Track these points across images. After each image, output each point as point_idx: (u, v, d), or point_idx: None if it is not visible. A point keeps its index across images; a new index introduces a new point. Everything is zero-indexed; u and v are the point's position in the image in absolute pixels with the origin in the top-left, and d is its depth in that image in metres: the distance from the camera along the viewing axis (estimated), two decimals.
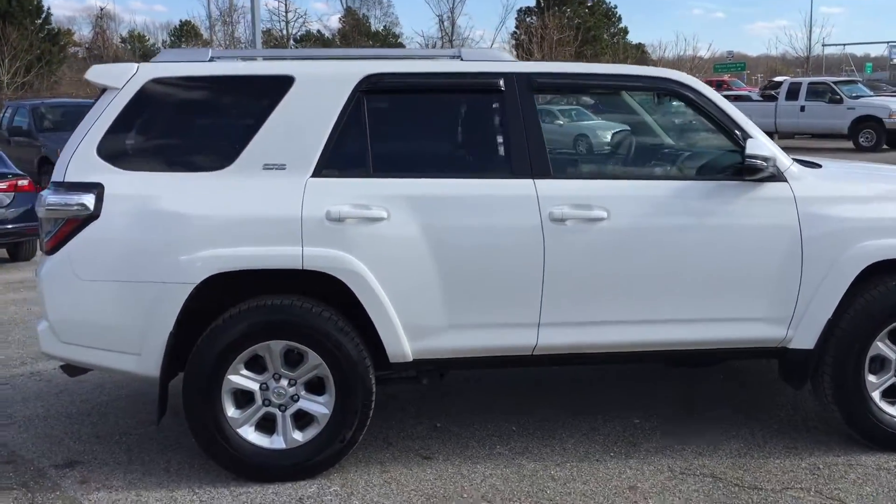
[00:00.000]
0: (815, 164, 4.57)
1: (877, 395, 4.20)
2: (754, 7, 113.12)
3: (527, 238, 4.00)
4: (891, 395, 4.23)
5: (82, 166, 3.95)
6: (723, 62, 51.42)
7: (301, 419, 4.04)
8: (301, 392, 4.01)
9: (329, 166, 4.01)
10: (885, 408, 4.20)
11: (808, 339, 4.13)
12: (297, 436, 4.00)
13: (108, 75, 4.09)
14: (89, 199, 3.88)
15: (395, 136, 4.23)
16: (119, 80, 4.03)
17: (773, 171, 4.09)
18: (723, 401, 4.93)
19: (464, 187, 4.05)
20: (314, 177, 3.98)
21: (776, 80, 32.02)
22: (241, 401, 4.00)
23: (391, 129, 4.21)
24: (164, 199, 3.91)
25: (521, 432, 4.54)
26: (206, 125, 4.22)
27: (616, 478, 4.00)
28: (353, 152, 4.09)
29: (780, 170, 4.13)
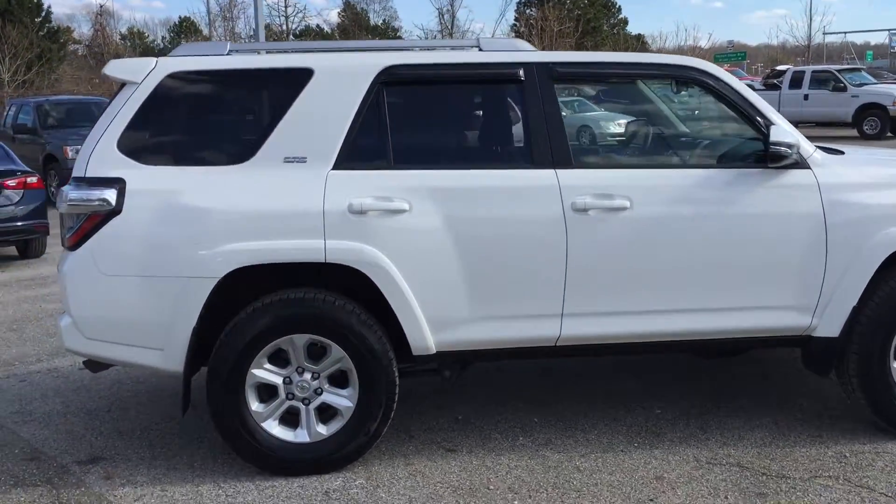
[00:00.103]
0: (837, 151, 4.55)
1: None
2: None
3: (549, 228, 3.99)
4: None
5: (103, 161, 3.93)
6: (723, 52, 51.28)
7: (325, 412, 4.03)
8: (324, 385, 4.00)
9: (350, 158, 3.99)
10: None
11: (832, 326, 4.11)
12: (321, 429, 3.99)
13: (127, 70, 4.07)
14: (111, 194, 3.86)
15: (415, 128, 4.22)
16: (138, 74, 4.01)
17: (797, 159, 4.07)
18: (744, 390, 4.92)
19: (485, 178, 4.03)
20: (335, 169, 3.96)
21: (779, 68, 31.93)
22: (265, 395, 3.99)
23: (411, 121, 4.20)
24: (186, 193, 3.89)
25: (542, 423, 4.53)
26: (226, 119, 4.20)
27: (642, 468, 3.99)
28: (374, 144, 4.07)
29: (803, 157, 4.11)
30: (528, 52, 4.26)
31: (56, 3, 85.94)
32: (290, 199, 3.90)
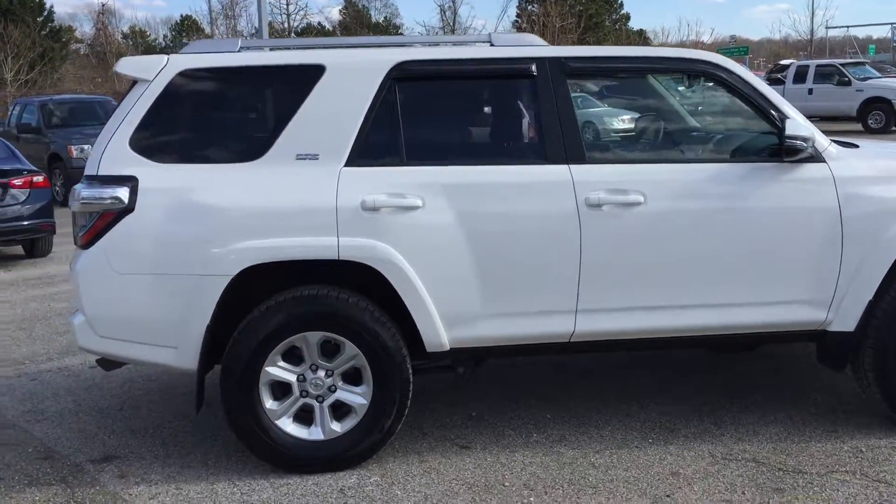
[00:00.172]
0: (852, 145, 4.52)
1: None
2: None
3: (563, 224, 3.97)
4: None
5: (115, 159, 3.92)
6: (725, 47, 51.17)
7: (339, 410, 4.01)
8: (338, 383, 3.98)
9: (362, 155, 3.97)
10: None
11: (848, 321, 4.09)
12: (336, 426, 3.98)
13: (139, 68, 4.06)
14: (123, 192, 3.85)
15: (428, 124, 4.20)
16: (149, 72, 4.00)
17: (812, 152, 4.04)
18: (757, 385, 4.90)
19: (498, 174, 4.01)
20: (347, 166, 3.95)
21: (782, 63, 31.88)
22: (279, 392, 3.97)
23: (423, 117, 4.18)
24: (198, 191, 3.87)
25: (556, 420, 4.51)
26: (238, 116, 4.20)
27: (657, 464, 3.98)
28: (386, 140, 4.05)
29: (818, 151, 4.09)
30: (540, 48, 4.24)
31: (58, 3, 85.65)
32: (302, 196, 3.89)
